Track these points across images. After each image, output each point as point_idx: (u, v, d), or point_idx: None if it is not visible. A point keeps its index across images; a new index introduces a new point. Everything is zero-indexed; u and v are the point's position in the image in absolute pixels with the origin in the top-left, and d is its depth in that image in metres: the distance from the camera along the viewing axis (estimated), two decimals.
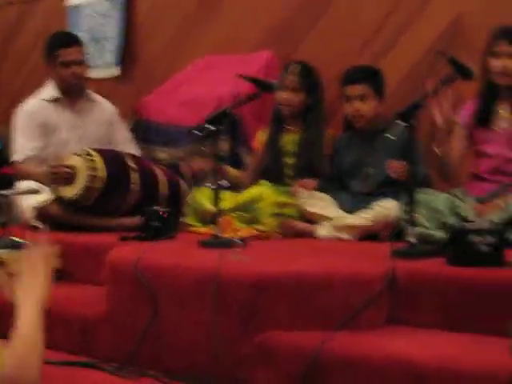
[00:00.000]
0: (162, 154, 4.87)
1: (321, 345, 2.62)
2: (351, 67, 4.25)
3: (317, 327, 2.73)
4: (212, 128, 3.50)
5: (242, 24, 5.13)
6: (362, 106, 4.12)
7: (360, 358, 2.58)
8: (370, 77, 4.15)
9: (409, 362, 2.49)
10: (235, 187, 4.21)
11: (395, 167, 3.72)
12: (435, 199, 3.57)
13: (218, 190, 3.52)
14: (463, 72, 3.25)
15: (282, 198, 4.07)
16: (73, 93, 4.64)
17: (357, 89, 4.12)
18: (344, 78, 4.21)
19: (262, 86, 3.70)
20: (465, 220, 3.38)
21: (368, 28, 4.64)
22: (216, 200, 3.50)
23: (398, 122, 3.12)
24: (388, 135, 3.09)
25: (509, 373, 2.27)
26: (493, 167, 3.75)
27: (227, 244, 3.35)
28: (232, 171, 4.42)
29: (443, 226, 3.48)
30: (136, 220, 3.96)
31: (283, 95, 4.32)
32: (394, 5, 4.56)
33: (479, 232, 2.86)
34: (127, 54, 5.71)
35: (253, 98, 3.71)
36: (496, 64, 3.70)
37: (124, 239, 3.71)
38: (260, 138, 4.52)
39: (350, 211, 3.93)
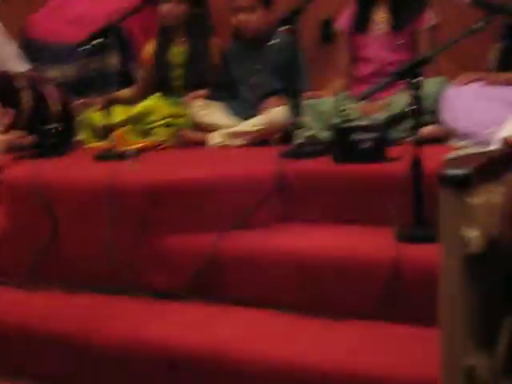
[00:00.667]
0: (52, 72, 4.82)
1: (214, 244, 2.76)
2: None
3: (210, 230, 2.85)
4: (99, 41, 3.52)
5: None
6: (249, 17, 4.14)
7: (251, 253, 2.75)
8: None
9: (296, 254, 2.67)
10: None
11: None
12: (321, 102, 3.69)
13: (108, 104, 3.56)
14: None
15: (174, 109, 4.13)
16: None
17: (243, 0, 4.15)
18: None
19: None
20: (348, 120, 3.51)
21: None
22: (107, 113, 3.54)
23: (280, 28, 3.20)
24: (271, 42, 3.16)
25: (392, 258, 2.43)
26: (373, 70, 3.88)
27: (121, 156, 3.41)
28: (123, 94, 4.44)
29: (329, 127, 3.60)
30: (29, 139, 3.95)
31: (165, 6, 4.30)
32: None
33: (360, 129, 2.99)
34: None
35: (138, 10, 3.75)
36: None
37: (19, 158, 3.71)
38: (148, 49, 4.51)
39: (241, 119, 4.01)
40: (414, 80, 2.59)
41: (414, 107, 2.63)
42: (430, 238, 2.48)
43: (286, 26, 3.25)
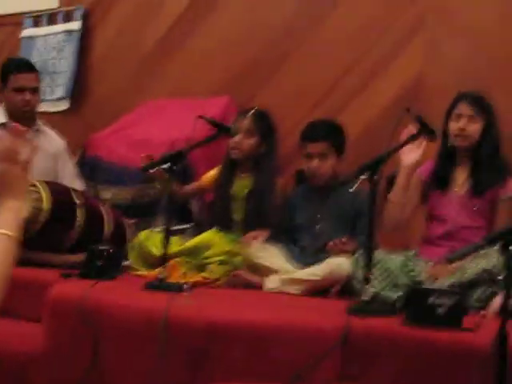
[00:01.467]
0: (108, 193, 4.72)
1: None
2: (312, 122, 4.14)
3: (268, 380, 2.63)
4: (165, 166, 3.40)
5: (201, 68, 5.07)
6: (322, 164, 4.02)
7: None
8: (332, 134, 4.05)
9: None
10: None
11: (336, 246, 3.69)
12: (389, 260, 3.50)
13: (166, 232, 3.40)
14: (427, 132, 3.23)
15: (231, 247, 3.97)
16: (22, 120, 4.46)
17: (318, 147, 4.01)
18: (305, 133, 4.09)
19: (221, 128, 3.63)
20: (417, 282, 3.32)
21: (326, 82, 4.60)
22: (164, 243, 3.38)
23: (361, 176, 3.04)
24: (352, 189, 3.02)
25: None
26: (445, 232, 3.72)
27: (174, 288, 3.21)
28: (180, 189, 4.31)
29: (394, 286, 3.42)
30: (79, 257, 3.80)
31: (235, 138, 4.19)
32: (354, 62, 4.53)
33: (438, 293, 2.79)
34: (79, 89, 5.59)
35: (211, 140, 3.65)
36: (455, 126, 3.68)
37: (66, 276, 3.54)
38: (210, 174, 4.40)
39: (299, 266, 3.84)
40: (510, 248, 2.39)
41: (507, 275, 2.42)
42: None
43: (365, 175, 3.07)
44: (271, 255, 3.91)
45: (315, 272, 3.71)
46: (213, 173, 4.40)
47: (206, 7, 5.10)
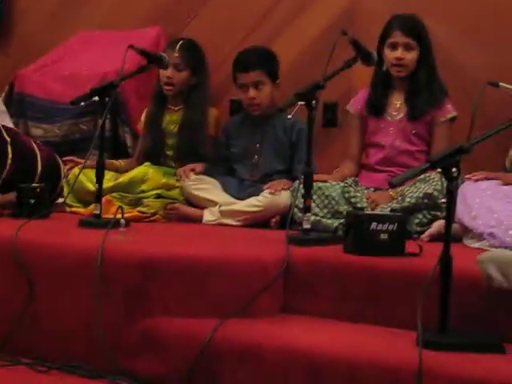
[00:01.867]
0: (39, 130, 4.56)
1: (211, 333, 2.46)
2: (243, 51, 4.03)
3: (208, 314, 2.56)
4: (96, 99, 3.28)
5: None
6: (258, 93, 3.92)
7: (252, 347, 2.43)
8: (264, 61, 3.95)
9: (303, 351, 2.36)
10: None
11: (274, 187, 3.65)
12: (329, 187, 3.46)
13: (100, 169, 3.30)
14: (365, 56, 3.14)
15: (166, 180, 3.88)
16: None
17: (251, 76, 3.91)
18: (236, 63, 3.98)
19: (152, 59, 3.51)
20: (358, 208, 3.28)
21: (259, 10, 4.47)
22: (98, 179, 3.28)
23: (298, 102, 2.95)
24: (289, 117, 2.94)
25: (415, 367, 2.14)
26: (384, 158, 3.68)
27: (109, 224, 3.10)
28: (118, 164, 4.16)
29: (336, 213, 3.38)
30: (9, 196, 3.66)
31: (166, 73, 4.06)
32: None
33: (379, 219, 2.73)
34: (3, 25, 5.36)
35: (142, 71, 3.54)
36: (391, 55, 3.61)
37: None
38: (144, 119, 4.27)
39: (237, 197, 3.77)
40: (453, 170, 2.33)
41: (448, 200, 2.37)
42: (458, 346, 2.26)
43: (303, 102, 2.98)
44: (209, 187, 3.84)
45: (255, 203, 3.66)
46: (144, 118, 4.28)
47: None
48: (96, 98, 3.30)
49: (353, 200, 3.43)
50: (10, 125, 4.38)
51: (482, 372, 2.10)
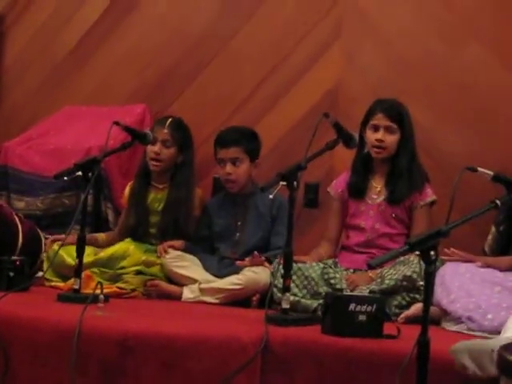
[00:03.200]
0: (21, 203, 4.57)
1: None
2: (224, 129, 4.12)
3: None
4: (79, 174, 3.30)
5: (117, 76, 4.95)
6: (235, 169, 3.97)
7: None
8: (244, 140, 4.00)
9: None
10: None
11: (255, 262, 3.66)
12: (309, 268, 3.47)
13: (81, 243, 3.30)
14: (346, 138, 3.18)
15: (147, 256, 3.88)
16: None
17: (229, 152, 3.98)
18: (217, 139, 4.06)
19: (137, 136, 3.54)
20: (337, 289, 3.29)
21: (243, 91, 4.54)
22: (79, 254, 3.28)
23: (280, 182, 2.98)
24: (271, 195, 2.96)
25: None
26: (365, 241, 3.70)
27: (88, 299, 3.09)
28: (100, 237, 4.17)
29: (315, 294, 3.38)
30: None
31: (153, 148, 4.09)
32: (271, 71, 4.49)
33: (357, 300, 2.74)
34: None
35: (126, 147, 3.55)
36: (372, 137, 3.66)
37: None
38: (127, 194, 4.28)
39: (217, 275, 3.77)
40: (431, 253, 2.35)
41: (426, 282, 2.38)
42: None
43: (284, 182, 3.01)
44: (189, 264, 3.84)
45: (234, 281, 3.65)
46: (127, 191, 4.28)
47: (122, 14, 4.98)
48: (79, 173, 3.33)
49: (332, 281, 3.44)
50: None
51: None
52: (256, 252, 3.69)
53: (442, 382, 2.44)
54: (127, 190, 4.26)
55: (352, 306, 2.72)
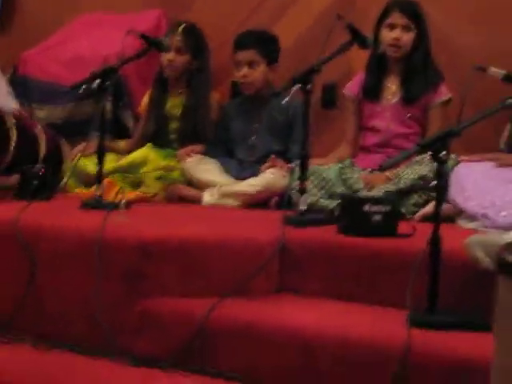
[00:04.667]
0: (42, 112, 4.60)
1: (207, 312, 2.52)
2: (242, 32, 4.09)
3: (205, 294, 2.62)
4: (96, 84, 3.31)
5: None
6: (251, 72, 3.96)
7: (247, 326, 2.50)
8: (260, 42, 3.98)
9: (295, 330, 2.42)
10: None
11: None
12: (326, 169, 3.50)
13: (101, 151, 3.35)
14: (360, 40, 3.17)
15: (167, 162, 3.93)
16: None
17: (245, 54, 3.96)
18: (235, 41, 4.04)
19: (152, 43, 3.55)
20: (354, 190, 3.33)
21: None
22: (99, 161, 3.33)
23: (295, 86, 3.00)
24: (284, 100, 2.98)
25: (403, 346, 2.20)
26: (380, 141, 3.71)
27: (110, 206, 3.16)
28: (118, 145, 4.20)
29: (332, 195, 3.42)
30: (13, 179, 3.72)
31: (167, 56, 4.09)
32: None
33: (372, 201, 2.79)
34: (6, 6, 5.38)
35: (141, 55, 3.58)
36: (389, 36, 3.63)
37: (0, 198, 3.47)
38: (146, 101, 4.30)
39: (236, 178, 3.82)
40: (442, 153, 2.38)
41: (438, 182, 2.42)
42: (446, 324, 2.32)
43: (298, 85, 3.03)
44: (208, 168, 3.88)
45: (253, 184, 3.70)
46: (147, 99, 4.29)
47: None
48: (97, 82, 3.34)
49: (349, 182, 3.47)
50: (16, 106, 4.43)
51: (467, 349, 2.17)
52: (273, 155, 3.73)
53: (456, 278, 2.50)
54: (145, 98, 4.29)
55: (367, 207, 2.77)
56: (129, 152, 4.06)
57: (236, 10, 4.53)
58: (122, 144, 4.22)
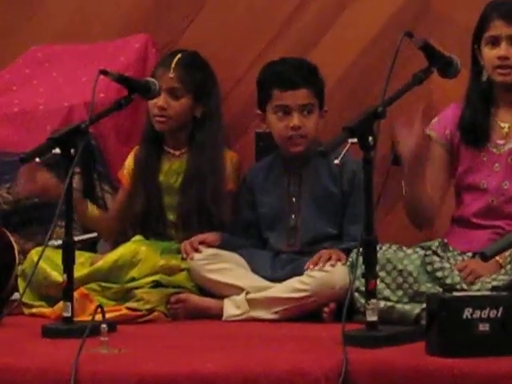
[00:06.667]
0: None
1: None
2: (281, 61, 4.14)
3: None
4: (58, 152, 3.37)
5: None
6: (305, 121, 4.01)
7: None
8: (313, 79, 4.06)
9: None
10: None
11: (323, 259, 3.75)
12: (403, 258, 3.51)
13: (68, 248, 3.40)
14: (442, 65, 3.22)
15: (167, 261, 3.97)
16: None
17: (299, 96, 4.02)
18: (277, 76, 4.06)
19: (134, 87, 3.60)
20: (448, 287, 3.34)
21: (287, 3, 4.56)
22: (66, 265, 3.38)
23: (348, 140, 3.04)
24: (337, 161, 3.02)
25: None
26: (487, 207, 3.75)
27: (86, 332, 3.18)
28: (93, 211, 4.26)
29: (415, 295, 3.44)
30: None
31: (157, 101, 4.14)
32: None
33: (476, 302, 2.80)
34: None
35: (121, 107, 3.59)
36: (491, 54, 3.68)
37: None
38: (129, 163, 4.37)
39: (271, 279, 3.85)
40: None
41: None
42: None
43: (354, 139, 3.06)
44: (229, 266, 3.92)
45: (298, 286, 3.73)
46: (130, 161, 4.37)
47: None
48: (56, 151, 3.40)
49: (439, 274, 3.48)
50: None
51: None
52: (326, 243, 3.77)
53: None
54: (130, 161, 4.35)
55: (468, 312, 2.78)
56: (104, 229, 4.13)
57: (252, 31, 4.60)
58: (95, 211, 4.27)
